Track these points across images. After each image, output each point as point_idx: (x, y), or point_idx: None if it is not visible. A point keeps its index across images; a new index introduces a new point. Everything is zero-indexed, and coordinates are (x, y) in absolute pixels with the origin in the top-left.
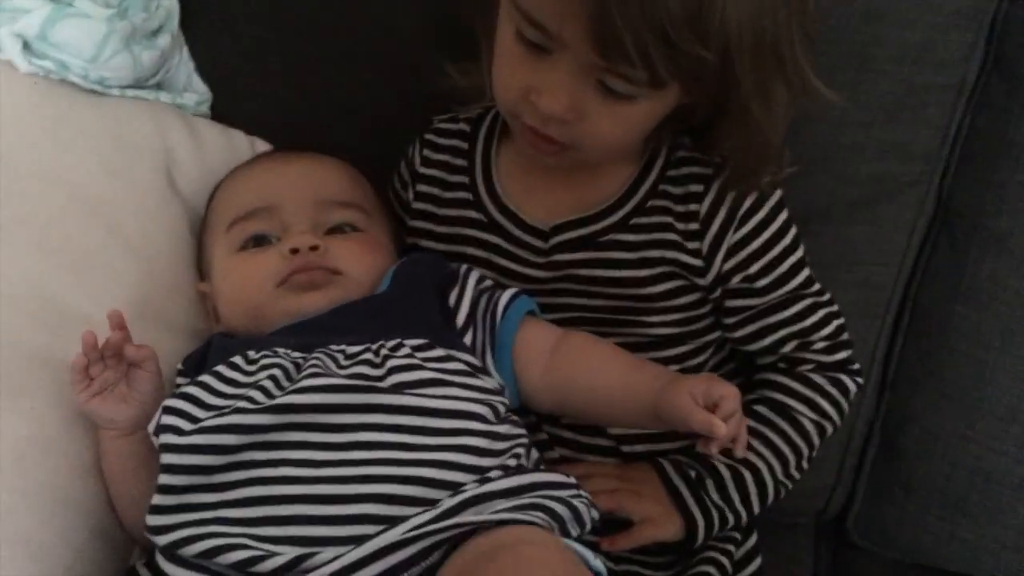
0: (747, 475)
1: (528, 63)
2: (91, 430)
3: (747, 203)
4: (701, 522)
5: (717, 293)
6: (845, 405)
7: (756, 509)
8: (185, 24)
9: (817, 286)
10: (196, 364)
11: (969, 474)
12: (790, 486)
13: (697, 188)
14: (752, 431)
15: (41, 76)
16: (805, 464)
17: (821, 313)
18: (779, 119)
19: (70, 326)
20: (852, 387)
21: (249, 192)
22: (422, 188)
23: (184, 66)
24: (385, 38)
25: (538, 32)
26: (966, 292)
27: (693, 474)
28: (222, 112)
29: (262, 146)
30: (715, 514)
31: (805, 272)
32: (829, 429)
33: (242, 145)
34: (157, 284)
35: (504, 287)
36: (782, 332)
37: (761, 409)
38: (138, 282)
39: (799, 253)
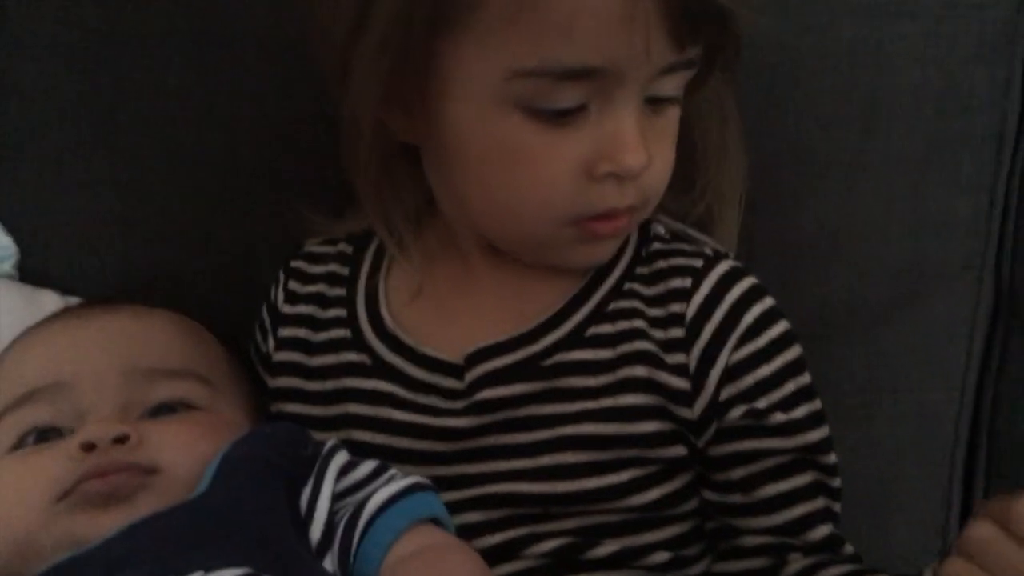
0: None
1: (558, 140)
2: None
3: (755, 310)
4: None
5: (708, 434)
6: None
7: None
8: None
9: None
10: None
11: None
12: None
13: (682, 283)
14: None
15: None
16: None
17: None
18: None
19: None
20: None
21: (30, 365)
22: (287, 333)
23: None
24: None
25: (575, 83)
26: None
27: None
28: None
29: None
30: None
31: (824, 431)
32: None
33: (50, 308)
34: None
35: (388, 475)
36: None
37: None
38: None
39: (817, 403)
